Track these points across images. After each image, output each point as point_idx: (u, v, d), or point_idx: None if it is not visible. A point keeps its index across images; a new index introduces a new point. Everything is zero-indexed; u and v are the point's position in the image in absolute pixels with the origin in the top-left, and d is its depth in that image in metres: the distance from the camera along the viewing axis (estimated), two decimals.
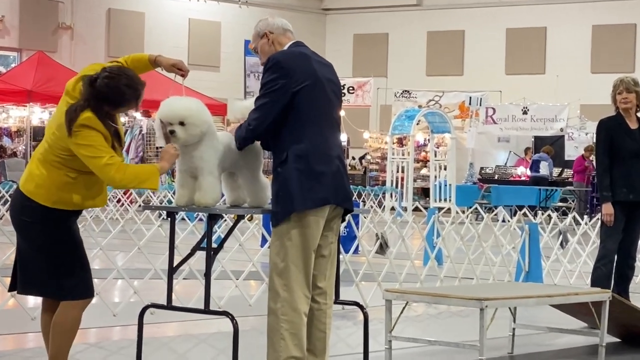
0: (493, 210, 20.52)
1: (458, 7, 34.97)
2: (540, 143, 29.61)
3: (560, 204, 26.44)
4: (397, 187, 25.86)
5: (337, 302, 6.10)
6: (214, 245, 5.89)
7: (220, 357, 7.48)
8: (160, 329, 8.19)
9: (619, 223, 8.90)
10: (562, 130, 28.81)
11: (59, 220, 5.53)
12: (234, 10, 34.59)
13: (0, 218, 13.75)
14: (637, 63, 32.41)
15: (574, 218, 14.07)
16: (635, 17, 32.64)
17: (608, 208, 8.87)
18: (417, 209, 24.72)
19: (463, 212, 18.04)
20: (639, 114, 9.09)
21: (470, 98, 30.41)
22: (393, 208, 24.99)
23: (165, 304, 6.03)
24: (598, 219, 9.72)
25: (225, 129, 6.95)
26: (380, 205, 25.51)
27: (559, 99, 29.90)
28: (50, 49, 29.77)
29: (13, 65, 29.41)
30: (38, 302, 7.75)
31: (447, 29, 35.01)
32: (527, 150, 29.91)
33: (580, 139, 28.67)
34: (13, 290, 5.77)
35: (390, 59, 35.96)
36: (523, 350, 7.79)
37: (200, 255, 5.96)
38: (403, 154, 26.26)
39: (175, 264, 5.96)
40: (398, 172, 25.99)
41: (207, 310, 5.86)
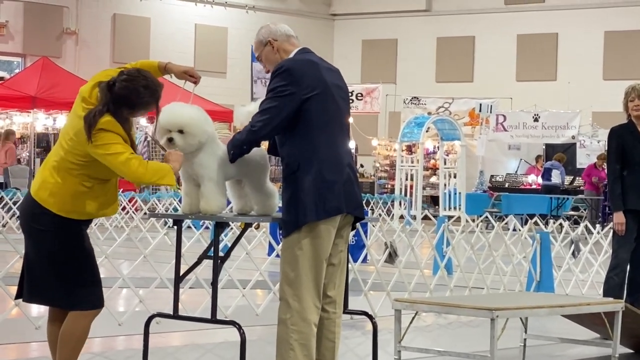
0: (503, 219, 20.41)
1: (468, 12, 34.92)
2: (552, 151, 29.51)
3: (572, 213, 26.33)
4: (406, 195, 25.78)
5: (345, 311, 6.06)
6: (221, 254, 5.85)
7: None
8: (166, 339, 8.14)
9: (631, 232, 8.83)
10: (573, 138, 28.72)
11: (71, 229, 5.50)
12: (241, 16, 34.58)
13: (4, 226, 13.70)
14: None
15: (586, 227, 13.97)
16: None
17: (620, 217, 8.79)
18: (426, 218, 24.66)
19: (473, 220, 17.93)
20: None
21: (481, 105, 30.31)
22: (402, 216, 24.91)
23: (172, 314, 6.01)
24: (610, 228, 9.63)
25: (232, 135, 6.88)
26: (389, 214, 25.44)
27: (571, 106, 29.82)
28: (55, 55, 29.73)
29: (17, 71, 29.39)
30: (42, 311, 7.69)
31: (457, 35, 34.97)
32: (538, 158, 29.83)
33: (592, 147, 28.57)
34: (19, 299, 5.71)
35: (399, 65, 35.92)
36: None
37: (207, 264, 5.90)
38: (412, 162, 26.19)
39: (182, 273, 5.90)
40: (407, 180, 25.92)
41: (213, 320, 5.84)
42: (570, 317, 7.96)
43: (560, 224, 13.65)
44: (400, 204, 25.48)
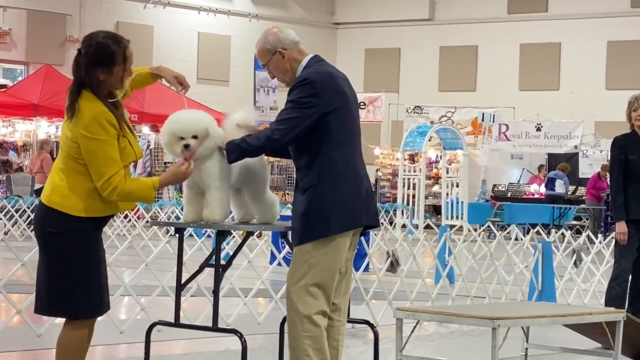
0: (506, 229, 20.40)
1: (471, 22, 34.91)
2: (554, 160, 29.47)
3: (574, 222, 26.29)
4: (408, 204, 25.75)
5: (347, 320, 6.03)
6: (223, 262, 5.84)
7: None
8: (168, 347, 8.12)
9: (633, 242, 8.82)
10: (576, 148, 28.67)
11: (87, 233, 5.39)
12: (244, 24, 34.58)
13: (6, 233, 13.70)
14: None
15: (588, 237, 13.96)
16: None
17: (622, 227, 8.79)
18: (428, 227, 24.63)
19: (475, 230, 17.95)
20: None
21: (483, 114, 30.29)
22: (404, 225, 24.88)
23: (173, 322, 6.00)
24: (612, 238, 9.63)
25: None
26: (391, 223, 25.42)
27: (573, 116, 29.78)
28: (58, 62, 29.66)
29: (20, 79, 29.37)
30: (43, 319, 7.67)
31: (459, 44, 34.96)
32: (540, 168, 29.79)
33: (595, 157, 28.53)
34: (37, 312, 5.60)
35: (402, 74, 35.91)
36: None
37: (209, 272, 5.90)
38: (414, 171, 26.17)
39: (183, 281, 5.89)
40: (409, 189, 25.89)
41: (215, 328, 5.83)
42: (572, 326, 7.93)
43: (562, 234, 13.64)
44: (403, 213, 25.46)
